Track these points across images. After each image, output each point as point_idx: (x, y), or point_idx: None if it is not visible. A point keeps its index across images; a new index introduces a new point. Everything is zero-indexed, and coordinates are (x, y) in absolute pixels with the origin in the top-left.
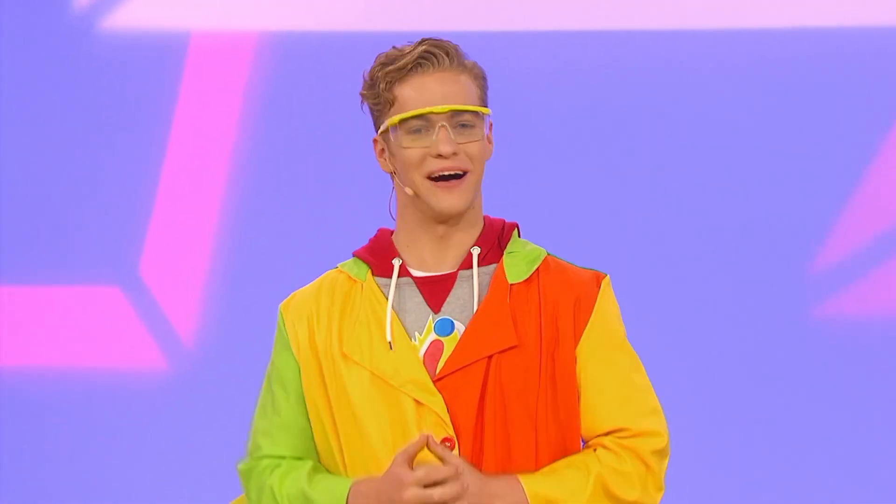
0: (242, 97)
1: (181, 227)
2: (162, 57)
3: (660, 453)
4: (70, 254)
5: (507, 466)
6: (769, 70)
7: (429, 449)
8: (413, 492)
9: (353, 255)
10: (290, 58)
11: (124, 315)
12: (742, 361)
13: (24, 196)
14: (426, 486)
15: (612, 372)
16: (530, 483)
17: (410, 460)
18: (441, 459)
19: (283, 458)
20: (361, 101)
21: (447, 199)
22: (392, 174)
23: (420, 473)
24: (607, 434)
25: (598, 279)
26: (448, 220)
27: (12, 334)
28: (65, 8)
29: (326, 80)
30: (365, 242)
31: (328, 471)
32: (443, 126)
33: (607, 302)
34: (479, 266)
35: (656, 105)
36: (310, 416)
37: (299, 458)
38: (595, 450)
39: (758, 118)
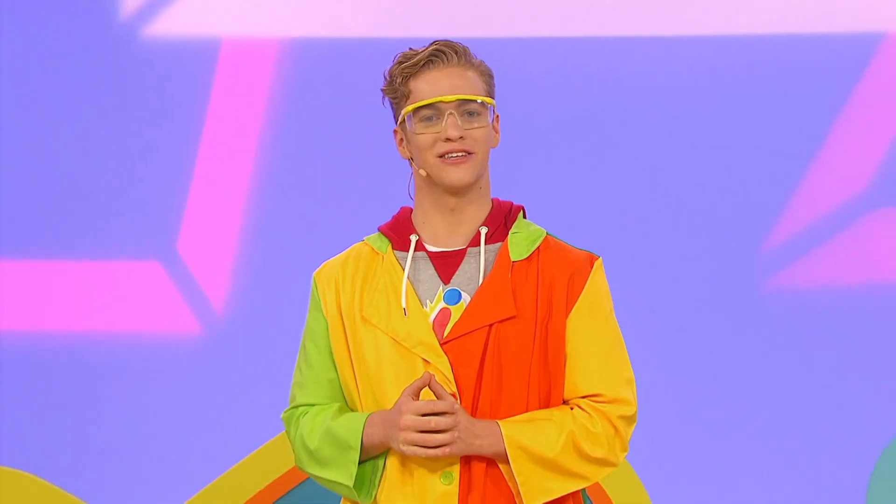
0: (266, 94)
1: (213, 210)
2: (197, 59)
3: (628, 419)
4: (116, 233)
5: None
6: (727, 71)
7: (429, 387)
8: (410, 418)
9: (378, 230)
10: (308, 60)
11: (163, 286)
12: (698, 330)
13: (74, 183)
14: (424, 415)
15: (595, 343)
16: (508, 430)
17: (414, 393)
18: (438, 397)
19: (313, 405)
20: (383, 97)
21: (455, 172)
22: (410, 160)
23: (420, 403)
24: (585, 397)
25: (591, 260)
26: (457, 192)
27: (63, 304)
28: (112, 17)
29: (340, 80)
30: (378, 221)
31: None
32: (451, 114)
33: (598, 280)
34: (486, 244)
35: (627, 103)
36: (337, 369)
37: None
38: (572, 409)
39: (718, 116)
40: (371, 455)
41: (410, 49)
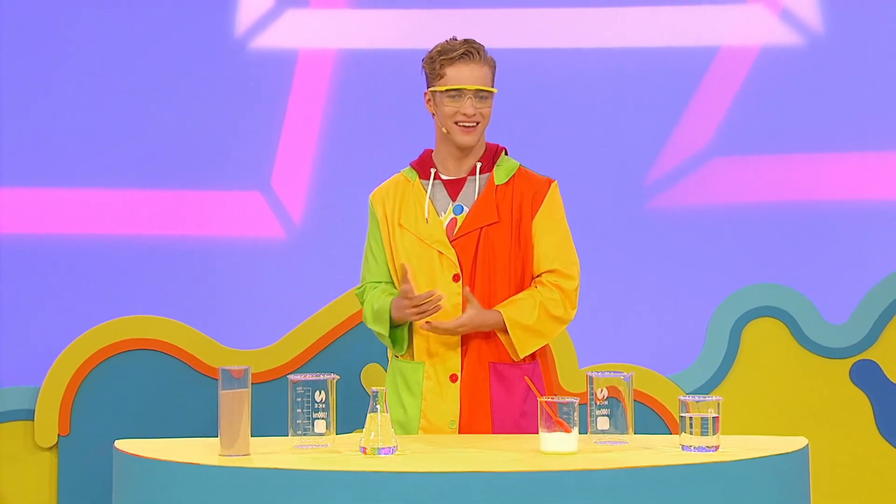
0: (328, 86)
1: (294, 160)
2: (284, 63)
3: (575, 289)
4: (233, 173)
5: (492, 293)
6: (626, 73)
7: (406, 278)
8: (405, 303)
9: (410, 165)
10: (355, 64)
11: (261, 207)
12: (605, 234)
13: (211, 142)
14: (418, 303)
15: (552, 236)
16: (506, 311)
17: (407, 283)
18: (409, 281)
19: (378, 282)
20: (422, 68)
21: (465, 137)
22: (433, 115)
23: (410, 297)
24: (545, 272)
25: (549, 182)
26: (464, 149)
27: (198, 218)
28: (230, 34)
29: (378, 76)
30: (398, 164)
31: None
32: (469, 97)
33: (553, 196)
34: (480, 174)
35: (568, 92)
36: (386, 257)
37: (387, 282)
38: (536, 286)
39: (620, 103)
40: (398, 324)
41: (447, 42)
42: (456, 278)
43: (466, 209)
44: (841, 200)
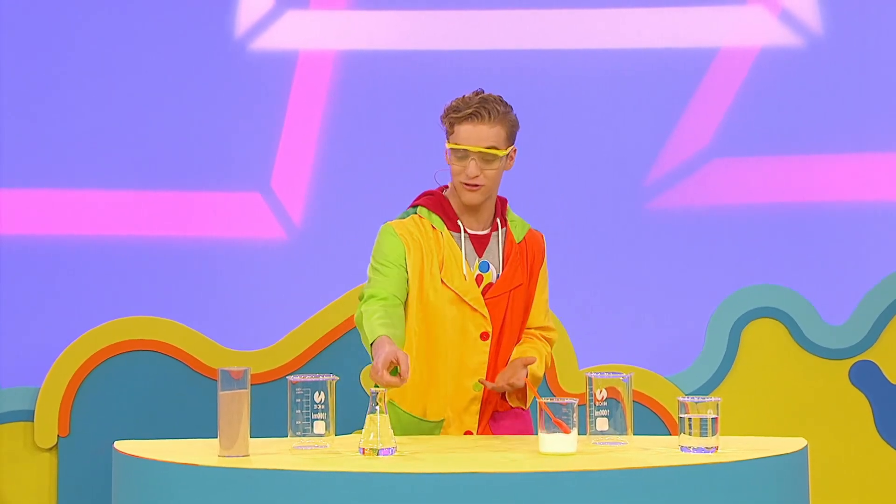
0: (328, 88)
1: (293, 162)
2: (284, 64)
3: (555, 341)
4: (233, 174)
5: (510, 351)
6: (627, 74)
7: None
8: (381, 370)
9: (427, 209)
10: (354, 64)
11: (261, 209)
12: (607, 233)
13: (212, 143)
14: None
15: (544, 292)
16: (531, 366)
17: (387, 364)
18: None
19: (385, 297)
20: (441, 124)
21: (469, 196)
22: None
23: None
24: (538, 328)
25: (543, 237)
26: (469, 207)
27: (200, 218)
28: (230, 35)
29: (378, 77)
30: (400, 176)
31: (395, 321)
32: (474, 159)
33: (545, 251)
34: (498, 230)
35: (567, 96)
36: (409, 289)
37: (395, 296)
38: (534, 339)
39: (620, 105)
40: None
41: (461, 99)
42: (484, 336)
43: (492, 266)
44: (840, 201)
